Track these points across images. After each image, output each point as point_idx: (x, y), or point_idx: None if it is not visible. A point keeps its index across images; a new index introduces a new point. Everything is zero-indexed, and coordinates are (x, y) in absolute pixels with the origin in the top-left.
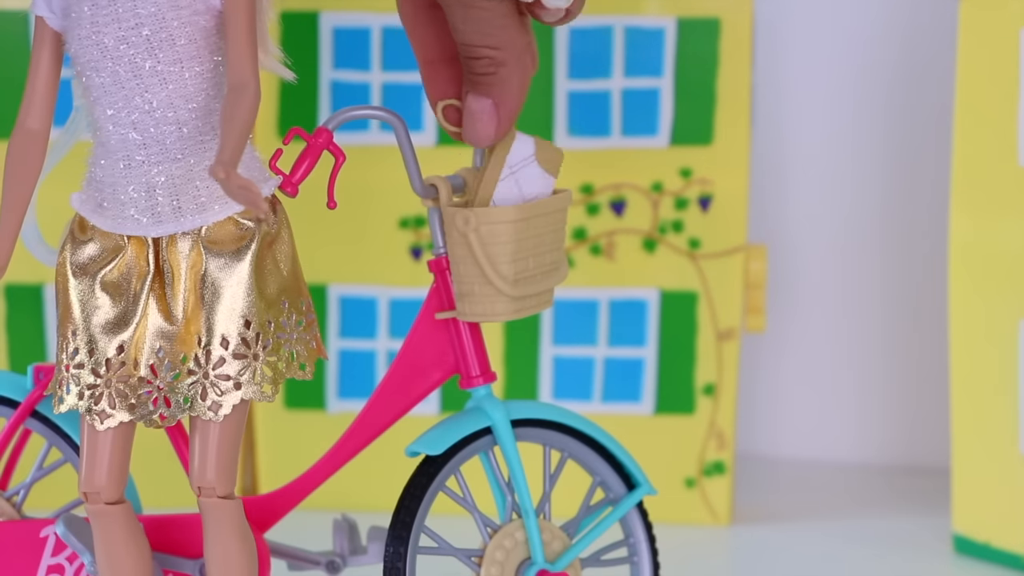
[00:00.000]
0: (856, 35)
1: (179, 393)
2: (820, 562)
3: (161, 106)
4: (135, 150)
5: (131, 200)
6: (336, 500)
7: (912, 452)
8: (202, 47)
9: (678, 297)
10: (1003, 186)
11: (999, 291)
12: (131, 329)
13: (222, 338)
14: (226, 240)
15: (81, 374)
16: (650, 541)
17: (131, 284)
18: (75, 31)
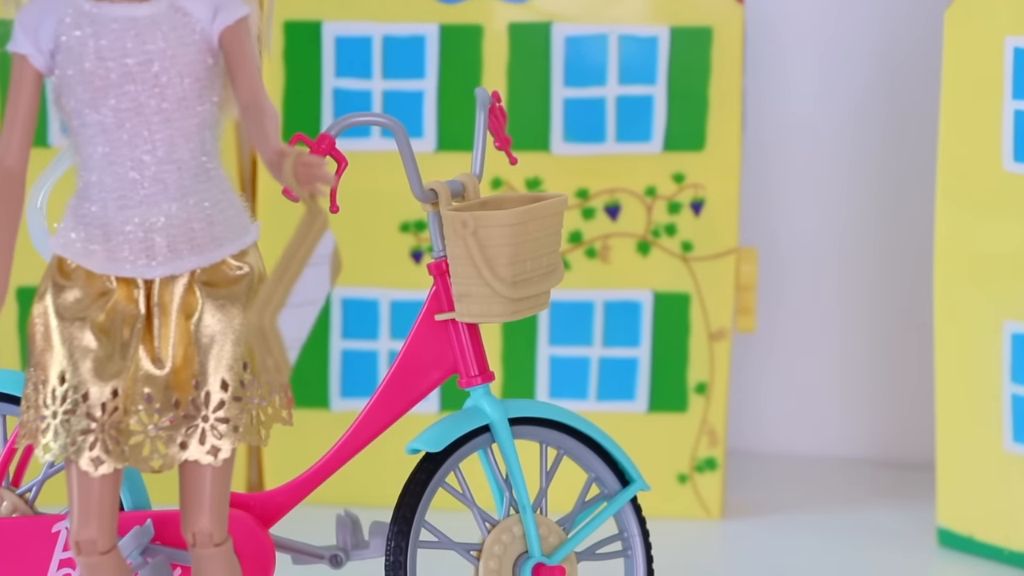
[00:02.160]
0: (845, 44)
1: (174, 438)
2: (808, 554)
3: (163, 145)
4: (133, 189)
5: (126, 241)
6: (339, 496)
7: (898, 448)
8: (205, 86)
9: (671, 298)
10: (987, 190)
11: (983, 292)
12: (123, 375)
13: (222, 381)
14: (220, 282)
15: (72, 420)
16: (644, 535)
17: (120, 328)
18: (73, 66)
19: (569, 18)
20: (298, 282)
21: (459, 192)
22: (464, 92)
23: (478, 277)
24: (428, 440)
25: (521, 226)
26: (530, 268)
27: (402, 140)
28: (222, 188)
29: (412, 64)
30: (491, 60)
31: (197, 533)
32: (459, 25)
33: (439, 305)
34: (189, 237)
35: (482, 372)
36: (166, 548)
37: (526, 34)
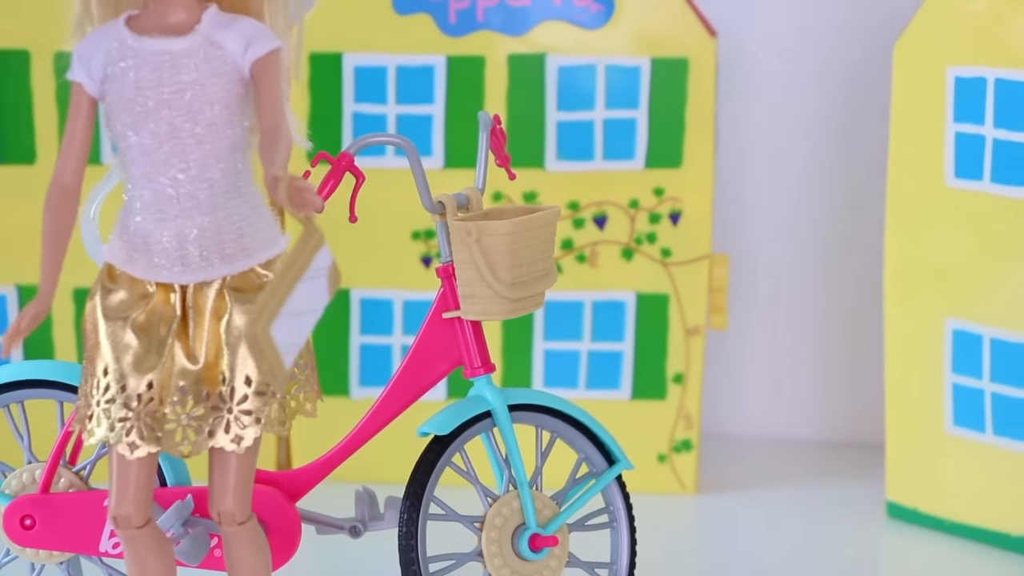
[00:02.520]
0: (806, 73)
1: (203, 427)
2: (773, 525)
3: (196, 165)
4: (169, 204)
5: (163, 250)
6: (358, 474)
7: (852, 430)
8: (235, 112)
9: (652, 299)
10: (931, 203)
11: (926, 294)
12: (159, 368)
13: (246, 378)
14: (248, 288)
15: (112, 408)
16: (628, 509)
17: (158, 327)
18: (117, 93)
19: (561, 50)
20: (293, 294)
21: (464, 204)
22: (468, 115)
23: (481, 280)
24: (436, 424)
25: (519, 235)
26: (527, 272)
27: (413, 158)
28: (252, 204)
29: (422, 91)
30: (492, 87)
31: (222, 512)
32: (464, 56)
33: (446, 304)
34: (219, 248)
35: (484, 364)
36: (205, 520)
37: (523, 64)
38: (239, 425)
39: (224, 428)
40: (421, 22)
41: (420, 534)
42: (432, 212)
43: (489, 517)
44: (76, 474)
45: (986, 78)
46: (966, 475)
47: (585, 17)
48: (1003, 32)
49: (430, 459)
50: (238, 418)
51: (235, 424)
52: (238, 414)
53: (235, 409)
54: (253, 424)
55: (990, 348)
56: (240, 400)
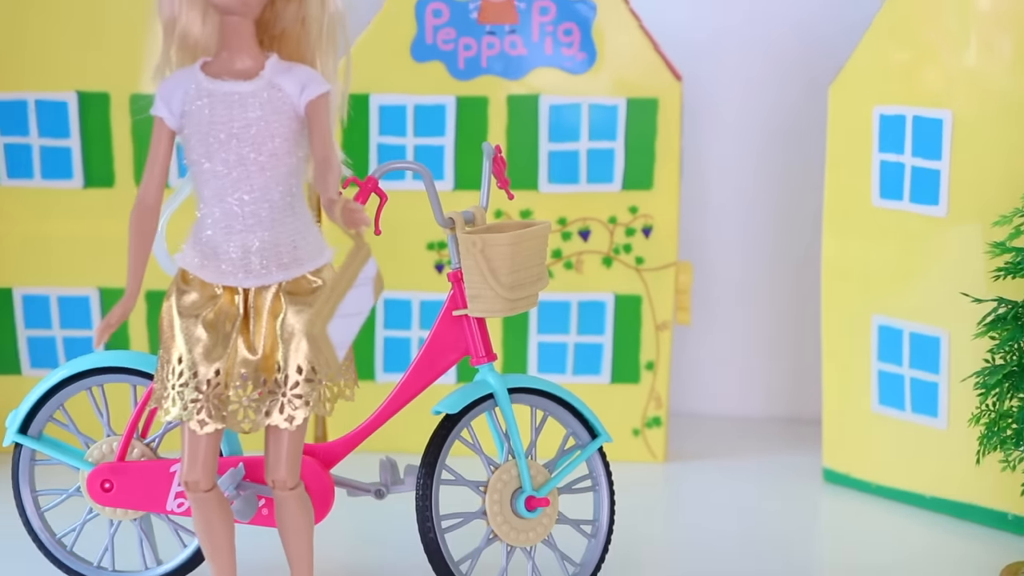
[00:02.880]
0: (755, 111)
1: (261, 408)
2: (728, 487)
3: (259, 188)
4: (236, 221)
5: (230, 259)
6: (382, 445)
7: (794, 408)
8: (291, 144)
9: (628, 299)
10: (860, 220)
11: (856, 295)
12: (224, 358)
13: (297, 367)
14: (301, 292)
15: (185, 391)
16: (608, 475)
17: (224, 324)
18: (193, 127)
19: (552, 92)
20: (345, 299)
21: (471, 220)
22: (474, 146)
23: (485, 283)
24: (447, 404)
25: (517, 245)
26: (523, 276)
27: (428, 181)
28: (304, 221)
29: (436, 125)
30: (494, 122)
31: (276, 480)
32: (470, 97)
33: (456, 304)
34: (277, 257)
35: (488, 353)
36: (254, 484)
37: (520, 103)
38: (291, 407)
39: (279, 409)
40: (435, 68)
41: (434, 496)
42: (444, 226)
43: (492, 482)
44: (147, 445)
45: (905, 115)
46: (889, 446)
47: (572, 64)
48: (918, 78)
49: (442, 433)
50: (291, 400)
51: (288, 406)
52: (291, 397)
53: (288, 393)
54: (303, 406)
55: (909, 340)
56: (292, 386)
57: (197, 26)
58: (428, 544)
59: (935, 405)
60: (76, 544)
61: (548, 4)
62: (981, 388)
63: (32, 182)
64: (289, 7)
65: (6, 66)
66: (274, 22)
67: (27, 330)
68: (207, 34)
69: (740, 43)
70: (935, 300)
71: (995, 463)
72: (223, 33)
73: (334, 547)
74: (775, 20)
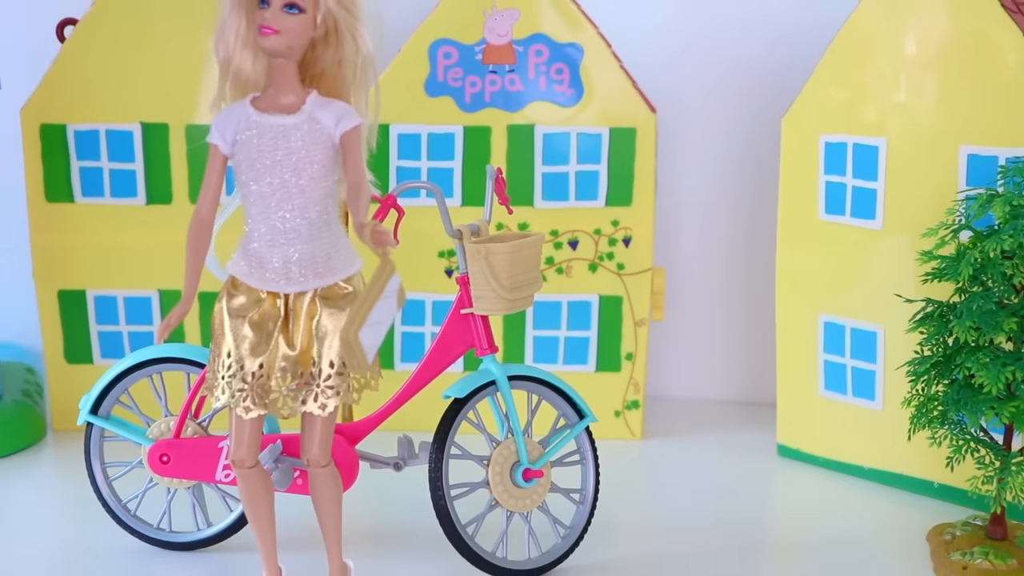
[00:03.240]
0: (719, 139)
1: (298, 396)
2: (695, 461)
3: (299, 207)
4: (278, 235)
5: (273, 268)
6: (400, 425)
7: (753, 393)
8: (328, 169)
9: (610, 300)
10: (809, 232)
11: (805, 295)
12: (267, 353)
13: (330, 362)
14: (334, 297)
15: (233, 382)
16: (593, 450)
17: (267, 323)
18: (243, 154)
19: (546, 122)
20: (373, 309)
21: (476, 231)
22: (479, 168)
23: (488, 286)
24: (456, 389)
25: (515, 254)
26: (521, 280)
27: (440, 198)
28: (338, 235)
29: (446, 150)
30: (496, 148)
31: (310, 459)
32: (476, 126)
33: (463, 303)
34: (314, 267)
35: (490, 346)
36: (290, 458)
37: (518, 132)
38: (324, 396)
39: (314, 398)
40: (445, 102)
41: (444, 468)
42: (453, 237)
43: (494, 456)
44: (199, 425)
45: (847, 143)
46: (834, 425)
47: (563, 98)
48: (857, 112)
49: (451, 415)
50: (324, 391)
51: (321, 395)
52: (324, 388)
53: (322, 384)
54: (334, 396)
55: (850, 334)
56: (326, 378)
57: (248, 66)
58: (439, 510)
59: (873, 390)
60: (139, 509)
61: (542, 47)
62: (912, 375)
63: (103, 200)
64: (327, 51)
65: (82, 102)
66: (314, 63)
67: (98, 326)
68: (257, 72)
69: (707, 82)
70: (873, 300)
71: (923, 439)
72: (271, 72)
73: (359, 512)
74: (736, 62)
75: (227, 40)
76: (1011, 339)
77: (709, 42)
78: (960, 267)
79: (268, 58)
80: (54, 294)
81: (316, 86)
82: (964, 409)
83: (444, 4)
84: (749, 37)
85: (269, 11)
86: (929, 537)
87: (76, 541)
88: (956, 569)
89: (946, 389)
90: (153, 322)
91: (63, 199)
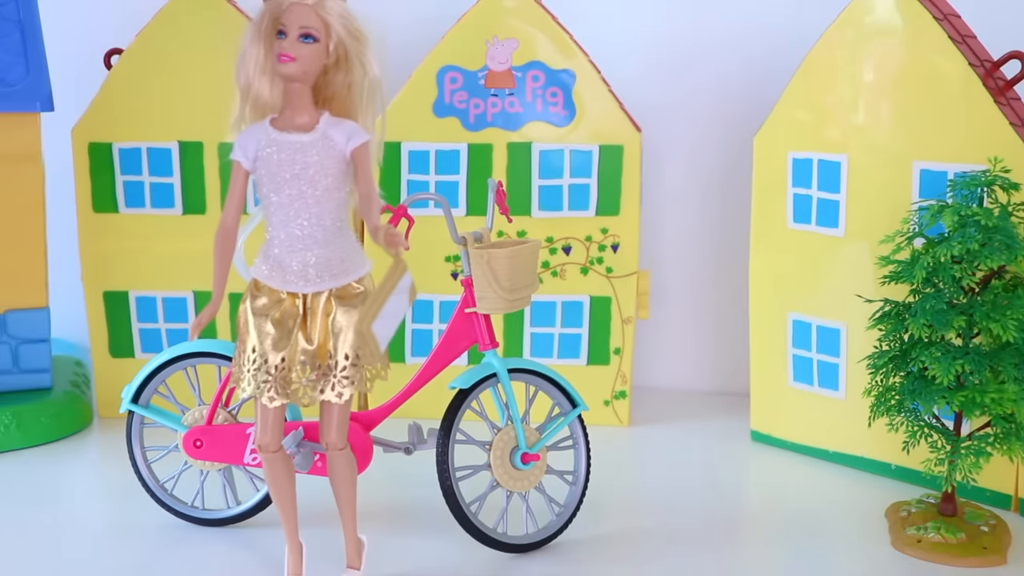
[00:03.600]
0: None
1: (316, 386)
2: (677, 445)
3: (315, 216)
4: (297, 241)
5: (292, 271)
6: (410, 413)
7: (729, 384)
8: (340, 182)
9: (600, 300)
10: (778, 239)
11: (776, 295)
12: (288, 348)
13: (345, 354)
14: (347, 296)
15: (257, 374)
16: (585, 436)
17: (288, 321)
18: (265, 169)
19: (542, 140)
20: (386, 304)
21: (479, 238)
22: (481, 182)
23: (489, 287)
24: (461, 381)
25: (515, 258)
26: (520, 282)
27: (446, 208)
28: (350, 240)
29: (452, 165)
30: (497, 163)
31: (328, 443)
32: (479, 144)
33: (467, 303)
34: (329, 269)
35: (492, 342)
36: (310, 443)
37: (518, 149)
38: (340, 385)
39: (331, 388)
40: (451, 123)
41: (450, 452)
42: (458, 243)
43: (495, 442)
44: (229, 412)
45: (812, 159)
46: (801, 413)
47: (557, 119)
48: (822, 131)
49: (457, 403)
50: (340, 381)
51: (338, 385)
52: (340, 378)
53: (338, 375)
54: (349, 385)
55: (816, 331)
56: (341, 369)
57: (266, 91)
58: (446, 490)
59: (837, 381)
60: (175, 488)
61: (539, 73)
62: (871, 368)
63: (144, 210)
64: (338, 75)
65: (126, 123)
66: (326, 87)
67: (139, 323)
68: (274, 96)
69: (687, 105)
70: (836, 300)
71: (882, 426)
72: (287, 96)
73: (373, 492)
74: (713, 88)
75: (247, 68)
76: (960, 335)
77: (690, 70)
78: (914, 271)
79: (285, 83)
80: (100, 295)
81: (328, 107)
82: (918, 398)
83: (451, 34)
84: (725, 66)
85: (287, 41)
86: (887, 514)
87: (119, 516)
88: (911, 542)
89: (902, 380)
90: (188, 320)
91: (109, 210)
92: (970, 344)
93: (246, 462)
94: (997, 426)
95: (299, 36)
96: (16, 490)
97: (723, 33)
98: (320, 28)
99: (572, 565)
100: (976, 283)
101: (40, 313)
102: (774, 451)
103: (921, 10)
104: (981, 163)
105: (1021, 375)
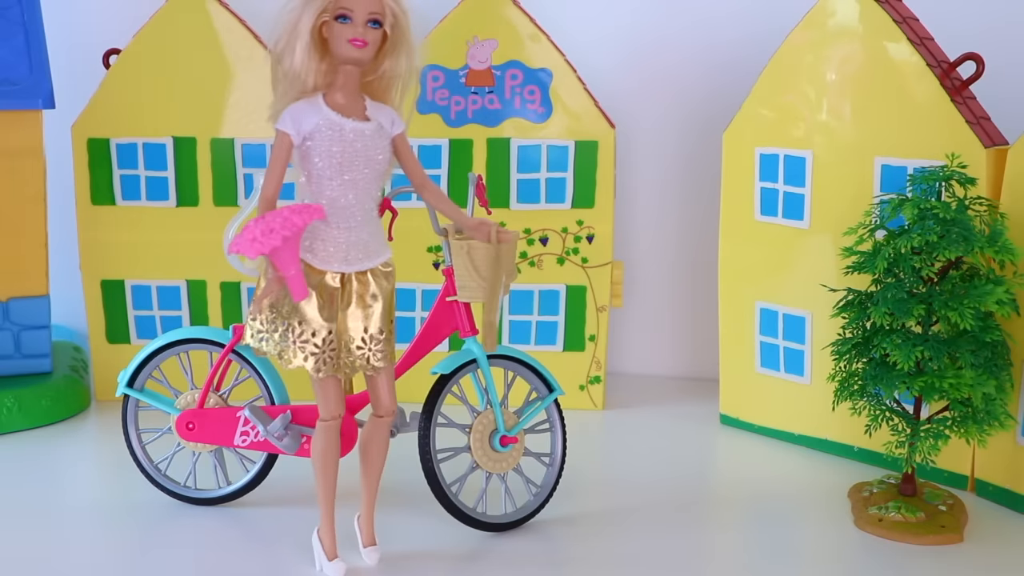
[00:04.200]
0: (669, 151)
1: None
2: (650, 428)
3: (362, 195)
4: (342, 220)
5: (331, 251)
6: None
7: (699, 369)
8: (383, 169)
9: (576, 289)
10: (746, 231)
11: (744, 285)
12: (334, 323)
13: (379, 329)
14: (379, 276)
15: (307, 347)
16: (561, 419)
17: (332, 296)
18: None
19: (520, 135)
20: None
21: (459, 229)
22: (462, 175)
23: (470, 276)
24: (442, 366)
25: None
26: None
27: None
28: (378, 224)
29: (434, 160)
30: (477, 158)
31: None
32: (460, 139)
33: (448, 292)
34: (365, 250)
35: (472, 329)
36: (298, 425)
37: (497, 144)
38: (375, 358)
39: (367, 360)
40: (433, 119)
41: (432, 435)
42: (439, 235)
43: (475, 425)
44: (220, 396)
45: (778, 154)
46: (768, 397)
47: (535, 116)
48: (787, 128)
49: (438, 388)
50: (374, 353)
51: (372, 358)
52: (375, 350)
53: (373, 349)
54: (382, 359)
55: (783, 319)
56: (376, 343)
57: (315, 69)
58: (428, 471)
59: (802, 367)
60: (168, 469)
61: (517, 72)
62: (835, 355)
63: (139, 203)
64: (385, 62)
65: (123, 120)
66: (368, 71)
67: (134, 311)
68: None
69: (659, 102)
70: (802, 290)
71: (845, 410)
72: (341, 78)
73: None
74: (684, 86)
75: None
76: (920, 323)
77: (662, 68)
78: (876, 261)
79: (339, 64)
80: (97, 283)
81: (364, 91)
82: (880, 383)
83: (433, 34)
84: (696, 65)
85: (357, 25)
86: (850, 494)
87: (115, 495)
88: (873, 521)
89: (865, 366)
90: (181, 307)
91: (106, 202)
92: (929, 332)
93: (236, 444)
94: (955, 410)
95: (367, 21)
96: (18, 469)
97: (693, 36)
98: (384, 14)
99: (549, 543)
100: (935, 273)
101: (41, 301)
102: (742, 434)
103: (881, 13)
104: (939, 159)
105: (978, 361)
